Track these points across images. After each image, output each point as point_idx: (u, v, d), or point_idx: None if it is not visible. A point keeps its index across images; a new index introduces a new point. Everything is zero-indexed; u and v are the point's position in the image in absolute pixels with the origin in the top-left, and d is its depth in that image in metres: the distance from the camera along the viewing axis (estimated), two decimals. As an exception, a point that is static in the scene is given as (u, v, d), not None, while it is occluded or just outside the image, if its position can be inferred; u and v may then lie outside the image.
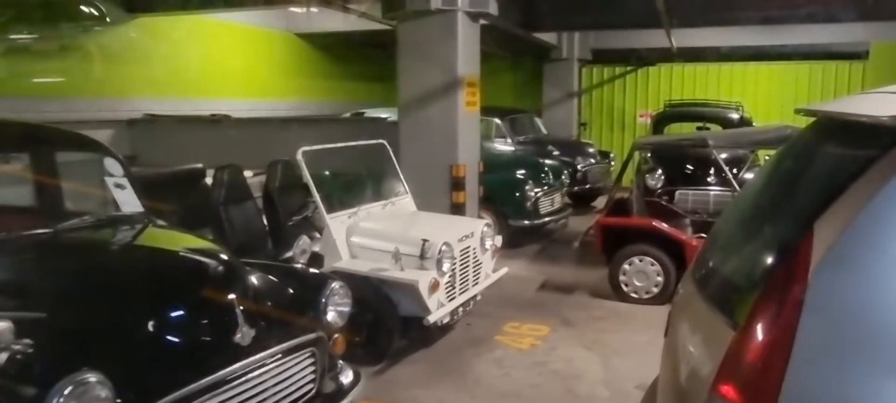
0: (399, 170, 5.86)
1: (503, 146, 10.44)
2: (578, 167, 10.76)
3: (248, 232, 5.37)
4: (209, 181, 5.59)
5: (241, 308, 2.77)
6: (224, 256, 3.10)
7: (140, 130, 9.58)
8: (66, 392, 2.08)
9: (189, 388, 2.44)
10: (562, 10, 9.76)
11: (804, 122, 2.40)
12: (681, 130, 10.59)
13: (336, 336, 3.27)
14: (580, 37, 13.90)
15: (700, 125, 10.27)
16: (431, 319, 4.56)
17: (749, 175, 7.90)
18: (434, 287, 4.57)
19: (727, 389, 1.63)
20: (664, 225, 6.16)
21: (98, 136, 4.12)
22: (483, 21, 7.20)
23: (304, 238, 4.18)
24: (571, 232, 9.15)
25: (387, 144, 5.85)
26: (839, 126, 2.02)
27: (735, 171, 7.68)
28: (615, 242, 6.33)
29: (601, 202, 10.33)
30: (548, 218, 8.60)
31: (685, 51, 12.61)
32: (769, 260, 1.86)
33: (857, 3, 8.26)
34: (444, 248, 4.68)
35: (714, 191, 7.94)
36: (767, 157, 7.13)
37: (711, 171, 8.16)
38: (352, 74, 15.25)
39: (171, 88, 10.15)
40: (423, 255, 4.60)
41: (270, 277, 3.29)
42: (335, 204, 5.02)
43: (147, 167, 6.83)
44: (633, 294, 6.25)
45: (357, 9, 9.09)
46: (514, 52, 14.42)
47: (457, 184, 6.88)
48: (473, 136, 7.31)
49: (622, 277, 6.28)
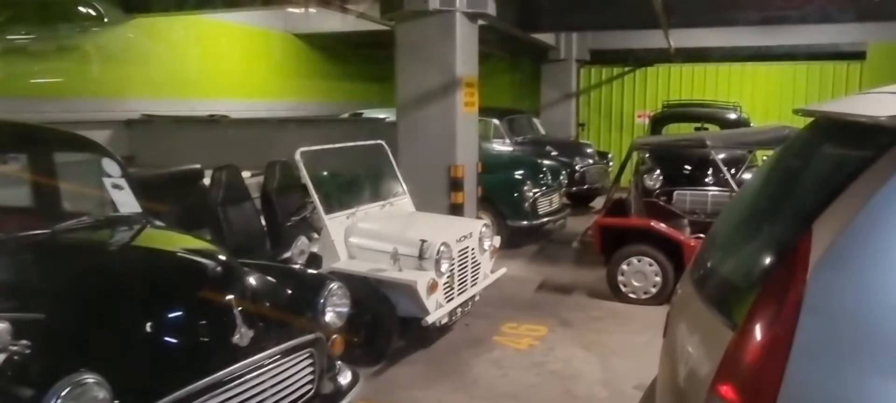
0: (397, 170, 5.86)
1: (501, 146, 10.45)
2: (577, 167, 10.77)
3: (247, 233, 5.36)
4: (207, 181, 5.58)
5: (240, 309, 2.76)
6: (222, 257, 3.09)
7: (138, 131, 9.57)
8: (64, 393, 2.08)
9: (187, 389, 2.44)
10: (560, 11, 9.78)
11: (802, 123, 2.41)
12: (679, 131, 10.59)
13: (334, 336, 3.26)
14: (578, 37, 13.91)
15: (698, 125, 10.26)
16: (430, 320, 4.56)
17: (747, 175, 7.91)
18: (432, 287, 4.57)
19: (726, 389, 1.62)
20: (662, 226, 6.16)
21: (96, 137, 4.12)
22: (481, 21, 7.20)
23: (303, 238, 4.18)
24: (570, 233, 9.15)
25: (385, 145, 5.85)
26: (837, 126, 2.02)
27: (733, 172, 7.68)
28: (613, 242, 6.33)
29: (599, 202, 10.33)
30: (546, 219, 8.60)
31: (683, 51, 12.62)
32: (768, 261, 1.86)
33: (855, 4, 8.28)
34: (443, 249, 4.68)
35: (712, 191, 7.94)
36: (765, 158, 7.13)
37: (709, 172, 8.17)
38: (350, 75, 15.26)
39: (169, 89, 10.14)
40: (422, 256, 4.60)
41: (269, 278, 3.28)
42: (333, 205, 5.01)
43: (145, 168, 6.82)
44: (632, 294, 6.25)
45: (355, 9, 9.09)
46: (513, 53, 14.43)
47: (455, 184, 6.88)
48: (472, 137, 7.31)
49: (620, 277, 6.28)
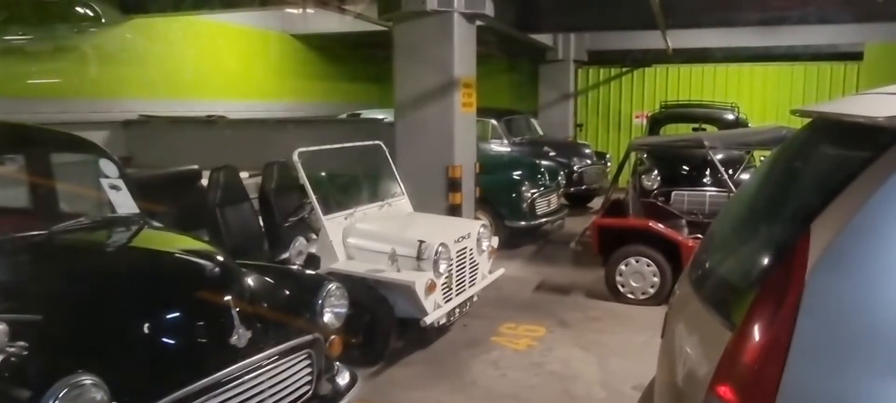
0: (395, 171, 5.86)
1: (499, 147, 10.45)
2: (575, 168, 10.78)
3: (245, 234, 5.35)
4: (205, 182, 5.57)
5: (237, 310, 2.76)
6: (220, 258, 3.09)
7: (135, 131, 9.54)
8: (61, 394, 2.07)
9: (185, 390, 2.43)
10: (558, 11, 9.77)
11: (800, 123, 2.41)
12: (677, 131, 10.60)
13: (332, 337, 3.26)
14: (576, 38, 13.91)
15: (696, 126, 10.27)
16: (428, 320, 4.56)
17: (745, 176, 7.92)
18: (431, 288, 4.57)
19: (724, 390, 1.62)
20: (660, 226, 6.17)
21: (93, 138, 4.11)
22: (479, 22, 7.20)
23: (301, 239, 4.18)
24: (568, 233, 9.16)
25: (383, 145, 5.85)
26: (835, 127, 2.02)
27: (731, 172, 7.68)
28: (611, 243, 6.33)
29: (597, 203, 10.34)
30: (544, 219, 8.61)
31: (681, 52, 12.63)
32: (766, 261, 1.86)
33: (852, 5, 8.29)
34: (441, 249, 4.68)
35: (710, 191, 7.94)
36: (763, 158, 7.14)
37: (707, 172, 8.16)
38: (348, 75, 15.25)
39: (167, 89, 10.12)
40: (420, 256, 4.60)
41: (267, 279, 3.28)
42: (331, 206, 5.01)
43: (142, 168, 6.81)
44: (630, 294, 6.26)
45: (353, 10, 9.09)
46: (511, 54, 14.42)
47: (453, 185, 6.88)
48: (470, 137, 7.31)
49: (619, 278, 6.29)
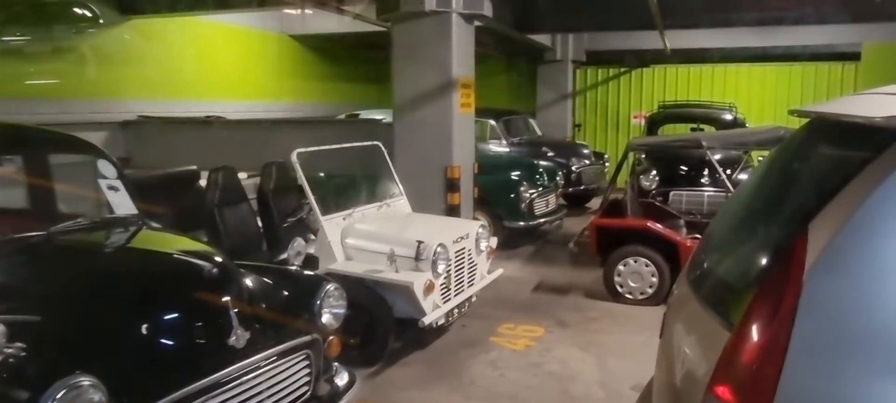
0: (394, 171, 5.85)
1: (498, 147, 10.46)
2: (573, 168, 10.78)
3: (243, 235, 5.35)
4: (203, 183, 5.57)
5: (236, 310, 2.76)
6: (218, 258, 3.08)
7: (134, 132, 9.54)
8: (59, 396, 2.07)
9: (183, 391, 2.43)
10: (556, 12, 9.77)
11: (798, 123, 2.41)
12: (675, 131, 10.61)
13: (331, 338, 3.26)
14: (574, 38, 13.92)
15: (694, 126, 10.28)
16: (427, 321, 4.56)
17: (743, 176, 7.93)
18: (429, 288, 4.57)
19: (723, 390, 1.62)
20: (659, 226, 6.17)
21: (91, 138, 4.10)
22: (477, 22, 7.21)
23: (299, 240, 4.18)
24: (566, 234, 9.15)
25: (382, 146, 5.84)
26: (833, 127, 2.02)
27: (729, 172, 7.70)
28: (610, 243, 6.34)
29: (595, 203, 10.34)
30: (542, 220, 8.61)
31: (679, 52, 12.64)
32: (764, 262, 1.86)
33: (849, 5, 8.30)
34: (440, 250, 4.68)
35: (708, 191, 7.94)
36: (761, 158, 7.15)
37: (705, 172, 8.18)
38: (346, 76, 15.25)
39: (165, 90, 10.11)
40: (419, 257, 4.59)
41: (265, 279, 3.28)
42: (330, 206, 5.01)
43: (141, 169, 6.80)
44: (628, 295, 6.26)
45: (351, 10, 9.09)
46: (509, 54, 14.42)
47: (452, 185, 6.88)
48: (468, 138, 7.31)
49: (617, 278, 6.29)
